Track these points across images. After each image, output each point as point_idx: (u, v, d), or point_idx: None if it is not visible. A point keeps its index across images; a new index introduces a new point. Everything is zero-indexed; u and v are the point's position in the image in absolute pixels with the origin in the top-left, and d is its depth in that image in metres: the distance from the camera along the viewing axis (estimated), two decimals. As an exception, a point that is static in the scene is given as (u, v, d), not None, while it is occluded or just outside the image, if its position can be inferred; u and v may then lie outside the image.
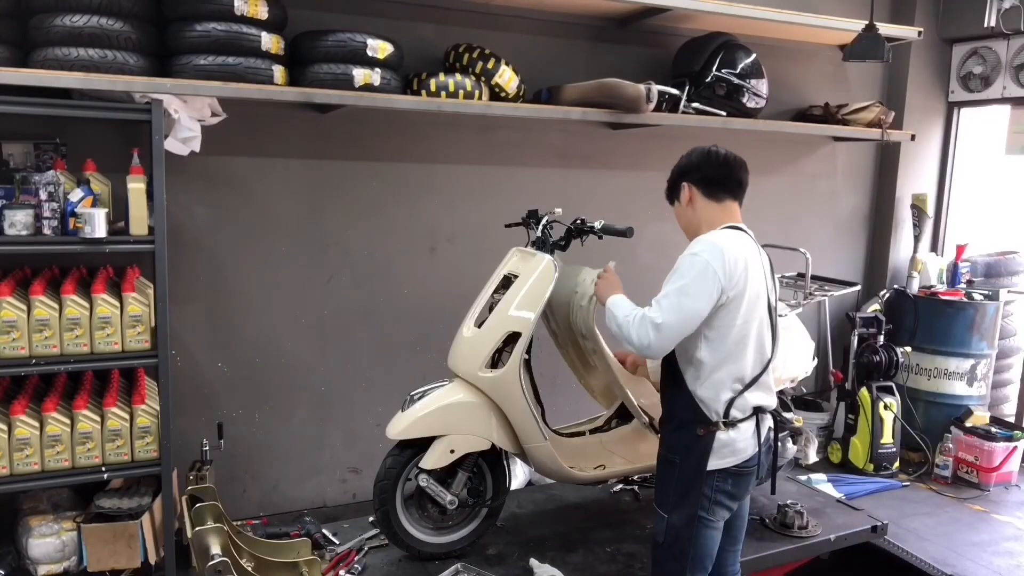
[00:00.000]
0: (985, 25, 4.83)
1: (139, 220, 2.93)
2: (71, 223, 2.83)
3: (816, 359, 3.78)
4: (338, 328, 3.85)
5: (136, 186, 2.91)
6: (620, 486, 3.86)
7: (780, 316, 3.59)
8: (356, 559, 3.19)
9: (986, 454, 4.60)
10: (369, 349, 3.94)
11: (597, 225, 3.13)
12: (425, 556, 3.18)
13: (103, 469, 2.97)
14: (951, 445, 4.72)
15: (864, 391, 4.72)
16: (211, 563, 2.51)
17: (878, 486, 4.56)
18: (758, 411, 2.50)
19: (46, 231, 2.79)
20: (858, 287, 4.46)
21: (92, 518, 3.04)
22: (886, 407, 4.70)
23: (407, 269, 3.96)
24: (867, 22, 4.26)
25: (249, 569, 2.67)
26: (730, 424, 2.43)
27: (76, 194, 2.86)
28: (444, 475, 3.09)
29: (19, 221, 2.75)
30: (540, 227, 3.17)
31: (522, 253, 3.21)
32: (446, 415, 3.01)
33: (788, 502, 3.58)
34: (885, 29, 4.37)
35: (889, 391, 4.77)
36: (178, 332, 3.43)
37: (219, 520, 2.84)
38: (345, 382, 3.91)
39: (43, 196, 2.79)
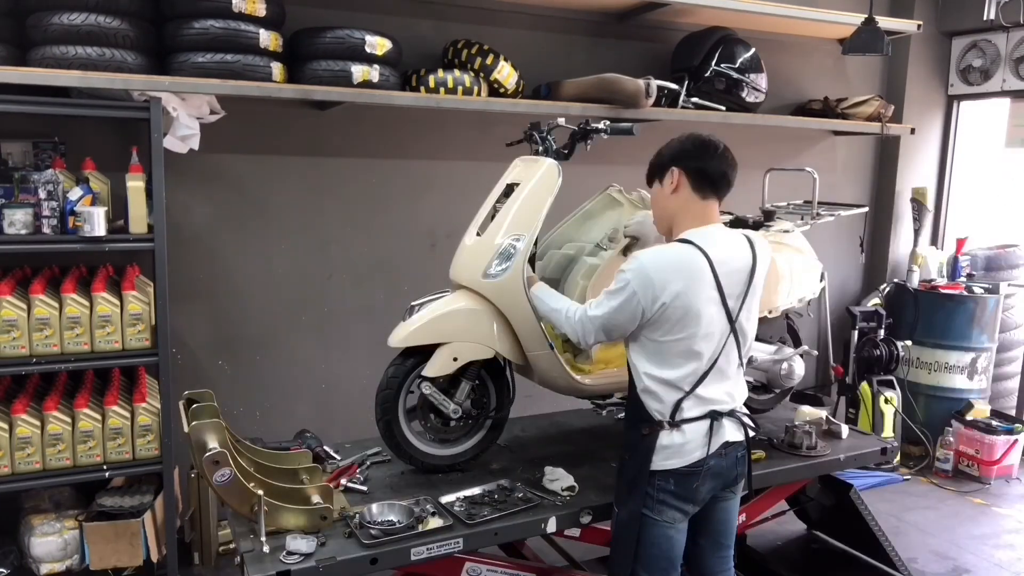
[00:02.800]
0: (984, 18, 4.82)
1: (138, 218, 2.93)
2: (70, 222, 2.83)
3: (825, 286, 3.59)
4: (338, 325, 3.85)
5: (135, 184, 2.91)
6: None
7: (785, 232, 3.48)
8: (358, 471, 3.02)
9: (987, 447, 4.61)
10: (369, 346, 3.93)
11: (602, 125, 3.08)
12: (428, 468, 3.03)
13: (104, 467, 2.97)
14: (952, 439, 4.72)
15: (865, 385, 4.71)
16: (208, 454, 2.29)
17: (879, 480, 4.56)
18: (713, 415, 2.33)
19: (45, 230, 2.79)
20: (866, 208, 4.20)
21: (94, 516, 3.05)
22: (887, 401, 4.69)
23: (407, 266, 3.95)
24: (866, 16, 4.25)
25: (250, 471, 2.46)
26: (675, 425, 2.31)
27: (75, 193, 2.86)
28: (447, 385, 3.01)
29: (18, 220, 2.75)
30: (544, 136, 3.07)
31: (525, 162, 3.13)
32: (449, 322, 2.90)
33: (796, 423, 3.36)
34: (884, 22, 4.36)
35: (890, 385, 4.77)
36: (178, 330, 3.43)
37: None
38: (345, 379, 3.90)
39: (42, 195, 2.79)
